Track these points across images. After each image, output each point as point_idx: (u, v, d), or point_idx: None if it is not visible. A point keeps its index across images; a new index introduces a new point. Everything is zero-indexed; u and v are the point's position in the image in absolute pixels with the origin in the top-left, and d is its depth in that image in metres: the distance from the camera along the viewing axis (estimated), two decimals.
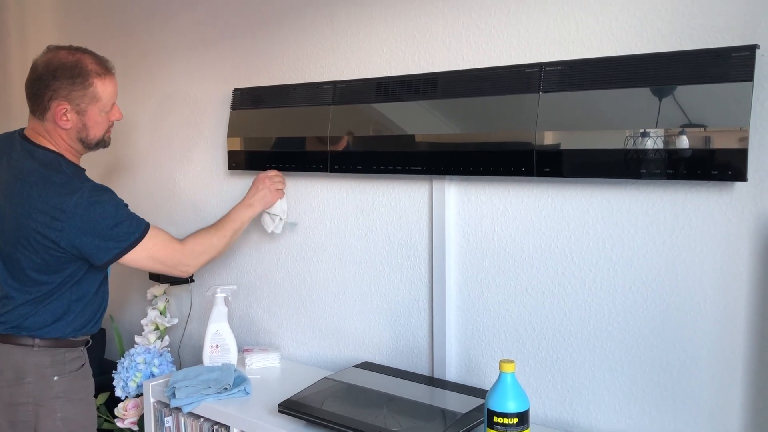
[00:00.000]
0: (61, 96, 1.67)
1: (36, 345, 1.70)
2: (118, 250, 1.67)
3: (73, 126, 1.70)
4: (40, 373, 1.70)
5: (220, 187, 2.24)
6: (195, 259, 1.82)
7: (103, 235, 1.64)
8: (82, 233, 1.62)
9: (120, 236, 1.67)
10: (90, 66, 1.69)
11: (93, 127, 1.73)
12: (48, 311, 1.69)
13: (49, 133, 1.71)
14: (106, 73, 1.73)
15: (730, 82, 1.27)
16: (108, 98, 1.73)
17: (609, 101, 1.41)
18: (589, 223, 1.50)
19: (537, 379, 1.60)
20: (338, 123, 1.85)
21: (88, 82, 1.68)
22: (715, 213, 1.35)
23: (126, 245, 1.68)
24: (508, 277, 1.63)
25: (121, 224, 1.67)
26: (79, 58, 1.69)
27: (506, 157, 1.54)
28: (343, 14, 1.88)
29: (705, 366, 1.38)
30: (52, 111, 1.68)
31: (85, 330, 1.77)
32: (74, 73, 1.67)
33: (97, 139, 1.76)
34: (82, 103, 1.69)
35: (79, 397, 1.76)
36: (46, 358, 1.71)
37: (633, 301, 1.46)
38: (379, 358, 1.89)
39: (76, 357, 1.77)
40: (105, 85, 1.72)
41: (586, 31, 1.48)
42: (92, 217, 1.63)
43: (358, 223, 1.90)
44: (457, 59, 1.67)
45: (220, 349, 1.94)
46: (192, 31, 2.28)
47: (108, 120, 1.77)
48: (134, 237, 1.69)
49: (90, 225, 1.63)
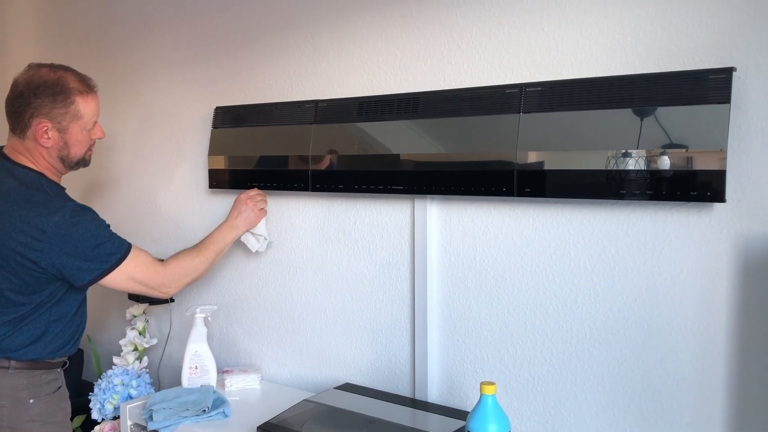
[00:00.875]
0: (42, 114, 1.65)
1: (11, 367, 1.66)
2: (99, 271, 1.64)
3: (54, 144, 1.68)
4: (15, 396, 1.66)
5: (201, 205, 2.22)
6: (176, 281, 1.80)
7: (84, 256, 1.62)
8: (63, 254, 1.60)
9: (101, 257, 1.64)
10: (72, 84, 1.68)
11: (74, 145, 1.71)
12: (25, 332, 1.66)
13: (30, 152, 1.69)
14: (88, 91, 1.71)
15: (708, 104, 1.28)
16: (90, 116, 1.72)
17: (589, 122, 1.41)
18: (570, 243, 1.50)
19: (519, 401, 1.59)
20: (320, 142, 1.84)
21: (70, 100, 1.67)
22: (695, 233, 1.35)
23: (107, 266, 1.65)
24: (489, 298, 1.63)
25: (103, 245, 1.65)
26: (60, 75, 1.68)
27: (487, 177, 1.54)
28: (325, 33, 1.88)
29: (686, 386, 1.38)
30: (32, 129, 1.66)
31: (63, 351, 1.74)
32: (56, 90, 1.65)
33: (78, 157, 1.74)
34: (64, 121, 1.67)
35: (55, 420, 1.72)
36: (21, 380, 1.67)
37: (614, 321, 1.46)
38: (360, 379, 1.87)
39: (52, 379, 1.73)
40: (87, 103, 1.70)
41: (566, 52, 1.49)
42: (73, 237, 1.60)
43: (340, 242, 1.89)
44: (439, 79, 1.68)
45: (199, 371, 1.91)
46: (173, 50, 2.27)
47: (89, 138, 1.75)
48: (116, 258, 1.66)
49: (71, 245, 1.60)
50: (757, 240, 1.29)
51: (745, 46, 1.28)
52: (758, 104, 1.27)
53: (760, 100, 1.27)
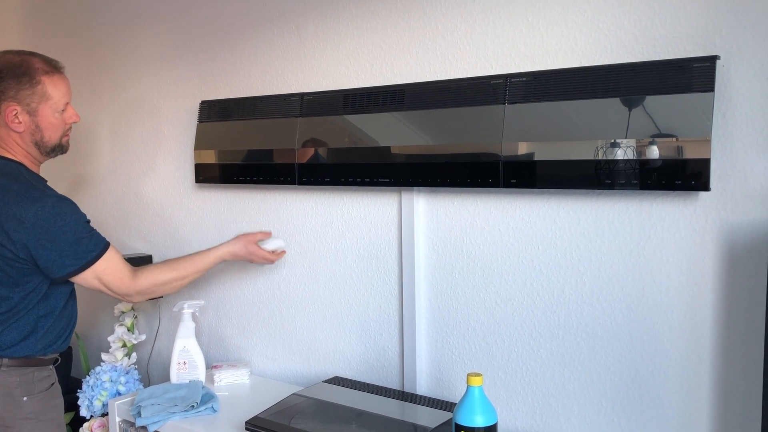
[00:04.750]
0: (9, 97, 1.63)
1: (4, 365, 1.64)
2: (74, 268, 1.62)
3: (26, 128, 1.65)
4: (9, 393, 1.64)
5: (187, 200, 2.21)
6: (141, 294, 1.76)
7: (60, 250, 1.59)
8: (39, 245, 1.57)
9: (77, 254, 1.62)
10: (37, 65, 1.66)
11: (47, 128, 1.68)
12: (15, 329, 1.64)
13: (3, 140, 1.66)
14: (54, 71, 1.68)
15: (693, 92, 1.28)
16: (59, 97, 1.68)
17: (573, 112, 1.41)
18: (557, 233, 1.50)
19: (507, 391, 1.59)
20: (306, 135, 1.83)
21: (36, 80, 1.64)
22: (680, 222, 1.35)
23: (83, 263, 1.63)
24: (477, 289, 1.62)
25: (81, 241, 1.62)
26: (24, 58, 1.66)
27: (473, 169, 1.54)
28: (311, 26, 1.87)
29: (672, 374, 1.38)
30: (2, 114, 1.63)
31: (55, 347, 1.72)
32: (20, 72, 1.63)
33: (53, 142, 1.71)
34: (32, 103, 1.64)
35: (49, 417, 1.70)
36: (14, 378, 1.65)
37: (601, 311, 1.46)
38: (349, 372, 1.87)
39: (45, 376, 1.71)
40: (54, 82, 1.67)
41: (551, 42, 1.48)
42: (52, 229, 1.58)
43: (327, 235, 1.89)
44: (424, 71, 1.67)
45: (187, 366, 1.91)
46: (158, 44, 2.25)
47: (63, 122, 1.71)
48: (91, 256, 1.64)
49: (49, 237, 1.58)
50: (741, 228, 1.29)
51: (728, 34, 1.28)
52: (742, 92, 1.27)
53: (744, 88, 1.27)
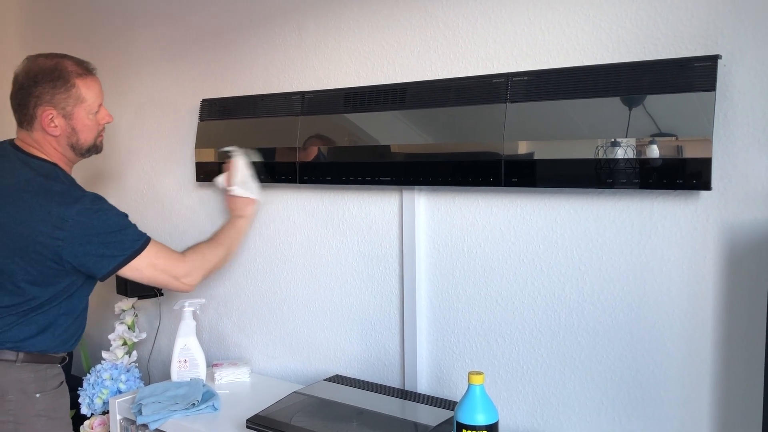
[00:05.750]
0: (45, 101, 1.64)
1: (18, 360, 1.64)
2: (122, 258, 1.62)
3: (62, 132, 1.67)
4: (23, 389, 1.64)
5: (189, 198, 2.21)
6: (197, 270, 1.77)
7: (106, 243, 1.60)
8: (85, 242, 1.58)
9: (123, 243, 1.63)
10: (70, 68, 1.67)
11: (82, 131, 1.70)
12: (34, 323, 1.64)
13: (39, 143, 1.68)
14: (87, 74, 1.70)
15: (694, 91, 1.28)
16: (93, 99, 1.70)
17: (576, 111, 1.41)
18: (558, 232, 1.50)
19: (508, 390, 1.59)
20: (307, 133, 1.83)
21: (70, 83, 1.65)
22: (682, 222, 1.36)
23: (130, 252, 1.63)
24: (478, 288, 1.63)
25: (124, 230, 1.64)
26: (57, 61, 1.67)
27: (474, 168, 1.54)
28: (312, 25, 1.87)
29: (673, 373, 1.39)
30: (39, 119, 1.65)
31: (66, 346, 1.73)
32: (54, 76, 1.64)
33: (88, 143, 1.73)
34: (68, 106, 1.66)
35: (59, 415, 1.71)
36: (28, 374, 1.65)
37: (602, 310, 1.46)
38: (350, 370, 1.87)
39: (56, 374, 1.72)
40: (88, 85, 1.69)
41: (552, 41, 1.48)
42: (94, 225, 1.59)
43: (328, 234, 1.89)
44: (426, 70, 1.67)
45: (188, 364, 1.91)
46: (159, 43, 2.25)
47: (97, 123, 1.74)
48: (138, 244, 1.65)
49: (92, 233, 1.59)
50: (743, 227, 1.29)
51: (730, 33, 1.28)
52: (743, 92, 1.27)
53: (745, 87, 1.27)
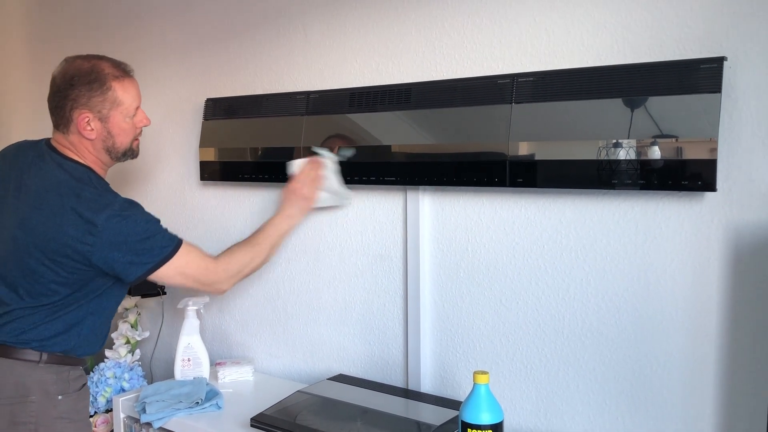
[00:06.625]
0: (81, 104, 1.62)
1: (42, 361, 1.62)
2: (150, 265, 1.60)
3: (98, 135, 1.65)
4: (45, 391, 1.62)
5: (192, 197, 2.21)
6: (230, 278, 1.74)
7: (134, 250, 1.58)
8: (114, 248, 1.56)
9: (152, 250, 1.60)
10: (107, 70, 1.64)
11: (119, 134, 1.67)
12: (61, 321, 1.62)
13: (75, 146, 1.66)
14: (124, 76, 1.67)
15: (699, 93, 1.29)
16: (130, 102, 1.67)
17: (581, 112, 1.42)
18: (562, 233, 1.51)
19: (512, 390, 1.60)
20: (312, 133, 1.84)
21: (107, 86, 1.63)
22: (686, 223, 1.36)
23: (159, 259, 1.61)
24: (482, 288, 1.63)
25: (153, 237, 1.61)
26: (94, 63, 1.64)
27: (479, 168, 1.54)
28: (317, 24, 1.88)
29: (677, 373, 1.39)
30: (75, 122, 1.63)
31: (91, 349, 1.70)
32: (91, 78, 1.62)
33: (124, 147, 1.70)
34: (104, 109, 1.63)
35: (79, 418, 1.68)
36: (50, 375, 1.63)
37: (606, 311, 1.46)
38: (353, 370, 1.87)
39: (78, 376, 1.70)
40: (125, 87, 1.66)
41: (558, 42, 1.49)
42: (123, 231, 1.57)
43: (333, 234, 1.89)
44: (431, 70, 1.68)
45: (192, 363, 1.91)
46: (164, 42, 2.26)
47: (134, 127, 1.71)
48: (167, 251, 1.62)
49: (122, 239, 1.56)
50: (747, 228, 1.30)
51: (735, 35, 1.29)
52: (748, 93, 1.28)
53: (750, 89, 1.28)
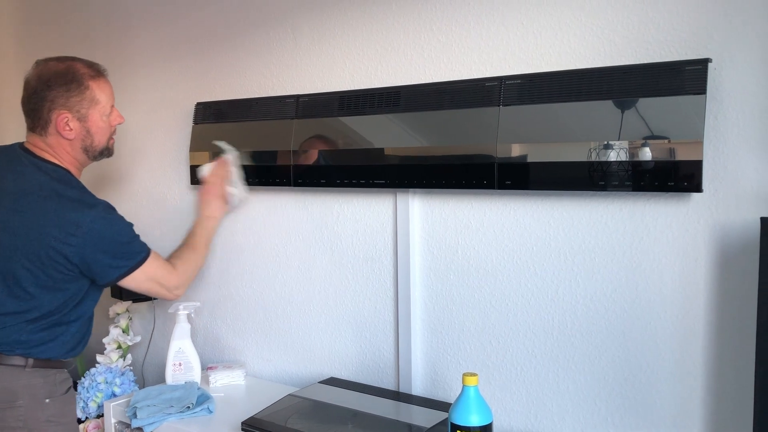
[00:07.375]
0: (59, 105, 1.64)
1: (28, 365, 1.64)
2: (125, 269, 1.66)
3: (77, 135, 1.68)
4: (33, 395, 1.64)
5: (183, 202, 2.21)
6: (186, 281, 1.86)
7: (114, 253, 1.63)
8: (96, 250, 1.60)
9: (129, 255, 1.66)
10: (82, 70, 1.67)
11: (96, 133, 1.71)
12: (47, 330, 1.64)
13: (53, 148, 1.67)
14: (99, 76, 1.71)
15: (685, 95, 1.29)
16: (106, 100, 1.71)
17: (568, 114, 1.42)
18: (551, 234, 1.51)
19: (502, 392, 1.60)
20: (301, 137, 1.84)
21: (84, 86, 1.66)
22: (673, 224, 1.37)
23: (134, 264, 1.67)
24: (472, 290, 1.64)
25: (132, 243, 1.68)
26: (69, 64, 1.67)
27: (468, 170, 1.55)
28: (306, 28, 1.88)
29: (665, 374, 1.40)
30: (53, 123, 1.65)
31: (75, 351, 1.74)
32: (68, 79, 1.64)
33: (101, 146, 1.74)
34: (83, 109, 1.66)
35: (67, 420, 1.71)
36: (38, 380, 1.65)
37: (595, 312, 1.47)
38: (344, 373, 1.87)
39: (64, 379, 1.72)
40: (101, 87, 1.70)
41: (545, 45, 1.49)
42: (106, 233, 1.61)
43: (323, 237, 1.89)
44: (419, 73, 1.68)
45: (183, 367, 1.91)
46: (154, 46, 2.25)
47: (110, 125, 1.74)
48: (141, 257, 1.69)
49: (105, 242, 1.61)
50: (734, 228, 1.30)
51: (720, 37, 1.30)
52: (733, 95, 1.29)
53: (735, 90, 1.28)
